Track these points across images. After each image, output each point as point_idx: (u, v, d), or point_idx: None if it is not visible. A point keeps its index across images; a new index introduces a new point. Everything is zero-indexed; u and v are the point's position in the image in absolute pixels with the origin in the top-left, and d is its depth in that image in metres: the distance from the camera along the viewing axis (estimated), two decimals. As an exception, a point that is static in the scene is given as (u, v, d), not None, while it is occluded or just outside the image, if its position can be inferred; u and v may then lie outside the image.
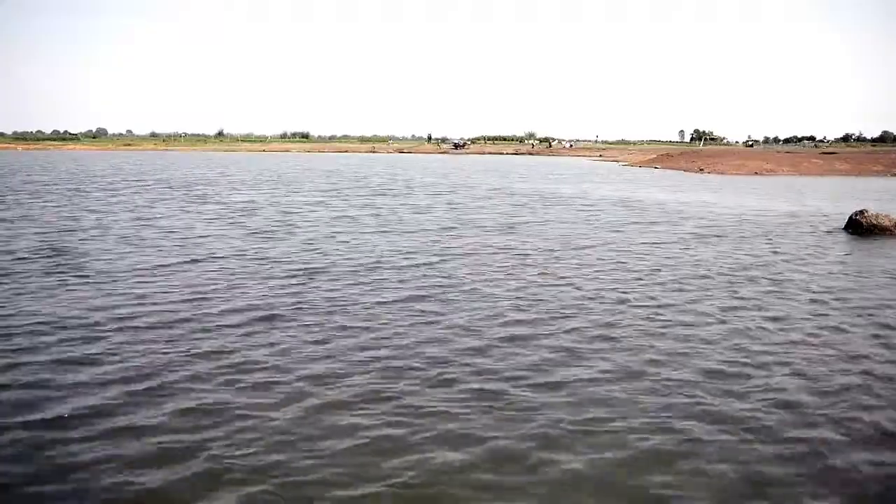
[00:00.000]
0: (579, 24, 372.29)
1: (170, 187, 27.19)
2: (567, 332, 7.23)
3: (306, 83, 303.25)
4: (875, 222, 15.25)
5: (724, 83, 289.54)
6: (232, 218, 16.78)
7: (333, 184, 31.08)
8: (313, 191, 26.66)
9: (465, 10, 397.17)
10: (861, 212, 15.69)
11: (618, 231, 15.39)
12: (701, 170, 45.97)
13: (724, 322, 7.76)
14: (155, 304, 8.07)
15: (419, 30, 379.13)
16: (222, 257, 11.16)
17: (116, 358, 6.23)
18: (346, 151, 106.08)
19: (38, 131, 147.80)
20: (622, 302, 8.60)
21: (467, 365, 6.18)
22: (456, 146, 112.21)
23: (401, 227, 15.49)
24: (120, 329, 7.06)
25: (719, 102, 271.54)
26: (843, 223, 16.09)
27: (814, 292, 9.31)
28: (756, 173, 43.77)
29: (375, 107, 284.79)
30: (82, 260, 10.67)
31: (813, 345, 7.00)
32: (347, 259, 11.17)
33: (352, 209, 19.45)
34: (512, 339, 6.96)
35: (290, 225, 15.53)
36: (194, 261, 10.83)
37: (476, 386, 5.70)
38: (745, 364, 6.37)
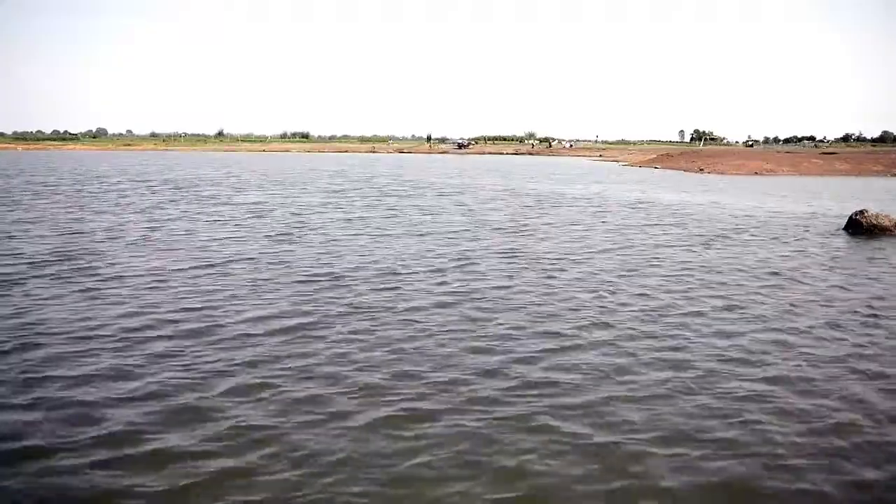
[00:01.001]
0: (579, 23, 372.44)
1: (177, 188, 27.21)
2: (605, 340, 7.09)
3: (306, 83, 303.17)
4: (875, 222, 15.41)
5: (724, 83, 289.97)
6: (244, 220, 16.75)
7: (340, 184, 31.08)
8: (321, 192, 26.64)
9: (465, 10, 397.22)
10: (861, 212, 15.86)
11: (632, 232, 15.58)
12: (701, 170, 46.16)
13: (758, 327, 7.93)
14: (175, 311, 7.86)
15: (419, 30, 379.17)
16: (240, 261, 11.00)
17: (143, 371, 5.97)
18: (346, 151, 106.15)
19: (38, 131, 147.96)
20: (649, 305, 8.74)
21: (513, 376, 5.99)
22: (459, 146, 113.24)
23: (415, 229, 15.44)
24: (143, 339, 6.82)
25: (719, 102, 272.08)
26: (843, 223, 16.27)
27: (818, 293, 9.50)
28: (756, 173, 43.97)
29: (375, 107, 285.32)
30: (97, 265, 10.51)
31: (837, 352, 7.17)
32: (367, 263, 11.03)
33: (364, 211, 19.40)
34: (551, 348, 6.80)
35: (305, 227, 15.46)
36: (212, 265, 10.66)
37: (526, 400, 5.49)
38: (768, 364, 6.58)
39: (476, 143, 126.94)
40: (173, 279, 9.62)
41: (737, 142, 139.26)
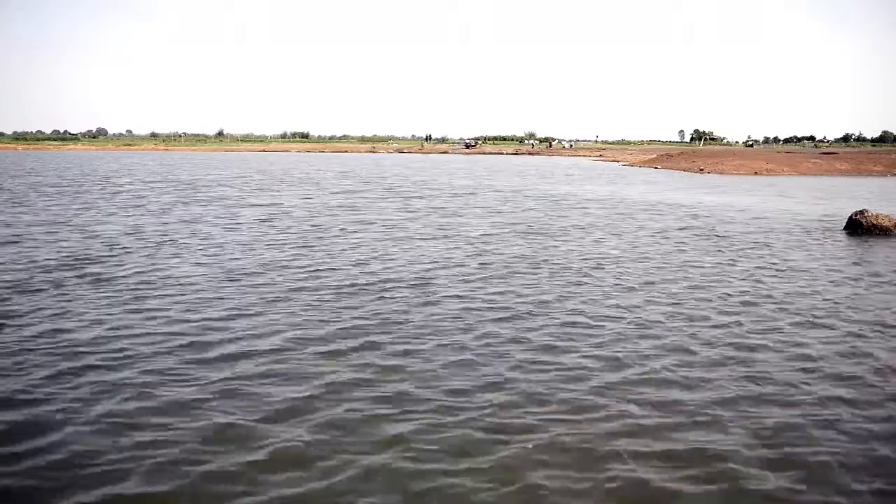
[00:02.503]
0: (579, 23, 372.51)
1: (189, 189, 26.99)
2: (658, 357, 6.82)
3: (306, 83, 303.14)
4: (875, 222, 15.55)
5: (724, 83, 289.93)
6: (263, 223, 16.31)
7: (351, 186, 30.70)
8: (333, 193, 26.30)
9: (465, 9, 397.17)
10: (861, 212, 16.00)
11: (648, 235, 15.79)
12: (701, 170, 46.33)
13: (758, 327, 8.15)
14: (208, 321, 7.55)
15: (419, 29, 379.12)
16: (267, 268, 10.57)
17: (177, 391, 5.63)
18: (346, 151, 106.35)
19: (38, 131, 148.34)
20: (662, 305, 8.98)
21: (569, 402, 5.58)
22: (467, 146, 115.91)
23: (440, 232, 14.99)
24: (177, 354, 6.47)
25: (719, 102, 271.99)
26: (843, 223, 16.44)
27: (818, 294, 9.69)
28: (756, 173, 44.15)
29: (375, 107, 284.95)
30: (123, 272, 10.10)
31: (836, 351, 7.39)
32: (401, 270, 10.51)
33: (381, 213, 18.94)
34: (595, 360, 6.49)
35: (326, 231, 15.03)
36: (238, 272, 10.21)
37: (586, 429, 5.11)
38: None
39: (477, 143, 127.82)
40: (202, 288, 9.18)
41: (737, 142, 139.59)
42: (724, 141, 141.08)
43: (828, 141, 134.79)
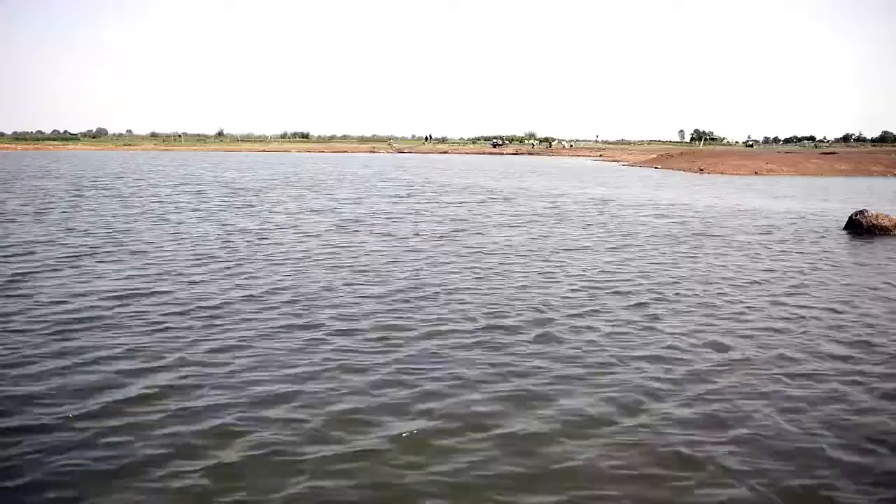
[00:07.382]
0: (579, 23, 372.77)
1: (229, 193, 25.50)
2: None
3: (306, 83, 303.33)
4: (875, 222, 15.53)
5: (724, 83, 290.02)
6: (329, 236, 14.51)
7: (391, 188, 29.00)
8: (370, 197, 24.71)
9: (465, 9, 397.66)
10: (861, 212, 15.97)
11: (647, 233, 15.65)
12: (701, 170, 46.21)
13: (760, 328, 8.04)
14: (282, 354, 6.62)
15: (419, 29, 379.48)
16: (345, 287, 9.42)
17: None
18: (346, 152, 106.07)
19: (38, 131, 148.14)
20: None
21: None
22: (494, 145, 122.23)
23: (498, 246, 13.35)
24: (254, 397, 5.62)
25: (719, 102, 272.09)
26: (842, 223, 16.38)
27: (818, 294, 9.64)
28: (756, 173, 44.04)
29: (375, 107, 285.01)
30: (195, 299, 8.69)
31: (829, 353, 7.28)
32: (505, 310, 8.41)
33: (433, 221, 17.23)
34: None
35: (400, 244, 13.39)
36: (343, 310, 8.32)
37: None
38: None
39: (475, 143, 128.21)
40: (318, 338, 7.26)
41: (737, 142, 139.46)
42: (724, 141, 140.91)
43: (828, 141, 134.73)
